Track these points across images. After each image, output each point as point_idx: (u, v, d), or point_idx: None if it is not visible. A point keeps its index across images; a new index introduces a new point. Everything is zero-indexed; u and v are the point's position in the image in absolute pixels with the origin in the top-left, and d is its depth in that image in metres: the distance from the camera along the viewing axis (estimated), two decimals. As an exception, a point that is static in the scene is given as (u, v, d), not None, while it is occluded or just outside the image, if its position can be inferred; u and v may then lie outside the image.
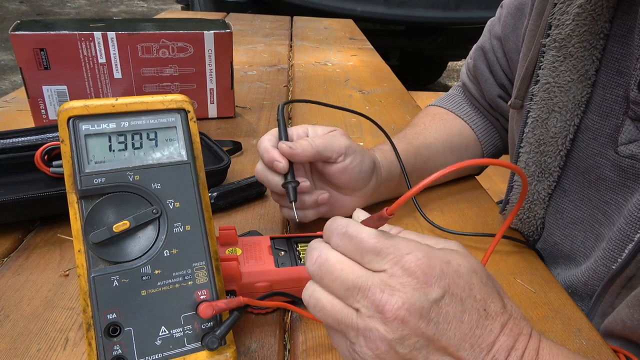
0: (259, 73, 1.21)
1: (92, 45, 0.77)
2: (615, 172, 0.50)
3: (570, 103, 0.53)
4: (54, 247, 0.53)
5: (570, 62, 0.52)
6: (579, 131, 0.54)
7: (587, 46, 0.51)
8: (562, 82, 0.53)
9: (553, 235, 0.59)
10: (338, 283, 0.33)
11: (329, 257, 0.34)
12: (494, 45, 0.69)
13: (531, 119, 0.56)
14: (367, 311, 0.32)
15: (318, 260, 0.34)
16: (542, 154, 0.56)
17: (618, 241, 0.49)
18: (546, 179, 0.57)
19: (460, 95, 0.78)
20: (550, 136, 0.55)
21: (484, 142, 0.74)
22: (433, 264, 0.32)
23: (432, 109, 0.78)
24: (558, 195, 0.58)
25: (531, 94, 0.55)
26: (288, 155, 0.51)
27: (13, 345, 0.40)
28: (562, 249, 0.58)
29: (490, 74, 0.71)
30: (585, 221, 0.55)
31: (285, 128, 0.55)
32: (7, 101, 0.92)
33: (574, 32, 0.51)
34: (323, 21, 1.95)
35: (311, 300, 0.34)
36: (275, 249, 0.48)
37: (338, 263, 0.33)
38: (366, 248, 0.33)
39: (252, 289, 0.44)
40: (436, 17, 2.64)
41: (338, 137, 0.54)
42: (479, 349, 0.33)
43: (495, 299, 0.34)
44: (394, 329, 0.31)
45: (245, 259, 0.46)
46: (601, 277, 0.51)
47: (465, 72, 0.77)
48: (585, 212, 0.55)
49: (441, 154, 0.70)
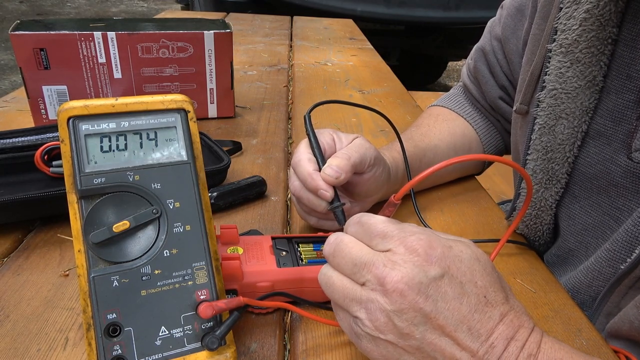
0: (259, 73, 1.21)
1: (92, 45, 0.77)
2: (628, 178, 0.50)
3: (577, 109, 0.52)
4: (54, 247, 0.53)
5: (578, 68, 0.51)
6: (587, 137, 0.53)
7: (594, 52, 0.50)
8: (569, 89, 0.52)
9: (567, 242, 0.59)
10: (347, 260, 0.36)
11: (343, 239, 0.37)
12: (494, 46, 0.69)
13: (538, 125, 0.55)
14: (370, 284, 0.34)
15: (334, 242, 0.37)
16: (549, 160, 0.56)
17: (625, 242, 0.48)
18: (554, 186, 0.57)
19: (461, 95, 0.78)
20: (557, 143, 0.55)
21: (485, 143, 0.74)
22: (434, 245, 0.34)
23: (435, 109, 0.78)
24: (569, 201, 0.57)
25: (537, 100, 0.55)
26: (334, 184, 0.50)
27: (13, 345, 0.40)
28: (578, 255, 0.58)
29: (490, 75, 0.71)
30: (597, 227, 0.54)
31: (319, 148, 0.52)
32: (7, 101, 0.92)
33: (580, 37, 0.50)
34: (323, 21, 1.95)
35: (323, 279, 0.37)
36: (277, 249, 0.48)
37: (349, 243, 0.36)
38: (375, 232, 0.36)
39: (253, 289, 0.44)
40: (436, 17, 2.63)
41: (367, 146, 0.53)
42: (477, 333, 0.33)
43: (497, 289, 0.35)
44: (393, 301, 0.33)
45: (246, 258, 0.46)
46: (607, 277, 0.51)
47: (465, 73, 0.77)
48: (596, 218, 0.54)
49: (445, 156, 0.70)
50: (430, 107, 0.80)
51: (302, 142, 0.54)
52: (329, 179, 0.49)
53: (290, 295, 0.44)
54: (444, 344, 0.33)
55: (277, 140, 0.83)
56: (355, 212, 0.57)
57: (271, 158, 0.76)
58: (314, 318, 0.42)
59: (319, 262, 0.47)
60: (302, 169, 0.51)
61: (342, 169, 0.50)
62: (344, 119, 0.94)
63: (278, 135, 0.85)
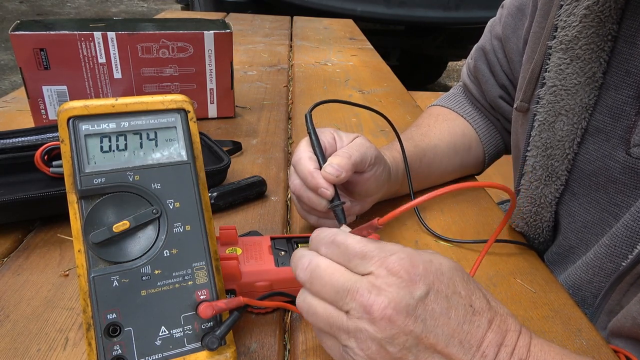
0: (259, 73, 1.21)
1: (92, 45, 0.77)
2: (627, 174, 0.50)
3: (577, 106, 0.52)
4: (54, 247, 0.53)
5: (577, 65, 0.51)
6: (586, 134, 0.53)
7: (594, 48, 0.50)
8: (568, 85, 0.52)
9: (568, 240, 0.59)
10: (328, 287, 0.34)
11: (319, 264, 0.35)
12: (494, 45, 0.69)
13: (538, 122, 0.55)
14: (356, 313, 0.33)
15: (309, 267, 0.35)
16: (549, 157, 0.56)
17: (626, 238, 0.48)
18: (553, 183, 0.57)
19: (461, 95, 0.78)
20: (557, 139, 0.55)
21: (485, 142, 0.74)
22: (416, 263, 0.33)
23: (435, 109, 0.78)
24: (568, 199, 0.57)
25: (537, 96, 0.55)
26: (334, 182, 0.50)
27: (13, 345, 0.40)
28: (579, 252, 0.58)
29: (490, 74, 0.71)
30: (597, 224, 0.55)
31: (320, 147, 0.52)
32: (7, 101, 0.92)
33: (580, 34, 0.50)
34: (323, 21, 1.95)
35: (304, 306, 0.36)
36: (276, 249, 0.48)
37: (328, 268, 0.35)
38: (352, 253, 0.34)
39: (252, 289, 0.44)
40: (436, 17, 2.63)
41: (367, 145, 0.53)
42: (468, 345, 0.33)
43: (479, 295, 0.35)
44: (382, 329, 0.32)
45: (245, 258, 0.46)
46: (608, 274, 0.51)
47: (465, 73, 0.77)
48: (595, 215, 0.55)
49: (445, 156, 0.70)
50: (430, 107, 0.80)
51: (303, 140, 0.54)
52: (330, 177, 0.49)
53: (290, 294, 0.44)
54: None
55: (277, 140, 0.83)
56: (355, 211, 0.57)
57: (271, 158, 0.76)
58: None
59: None
60: (303, 167, 0.51)
61: (342, 168, 0.49)
62: (344, 119, 0.94)
63: (278, 135, 0.85)
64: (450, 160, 0.70)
